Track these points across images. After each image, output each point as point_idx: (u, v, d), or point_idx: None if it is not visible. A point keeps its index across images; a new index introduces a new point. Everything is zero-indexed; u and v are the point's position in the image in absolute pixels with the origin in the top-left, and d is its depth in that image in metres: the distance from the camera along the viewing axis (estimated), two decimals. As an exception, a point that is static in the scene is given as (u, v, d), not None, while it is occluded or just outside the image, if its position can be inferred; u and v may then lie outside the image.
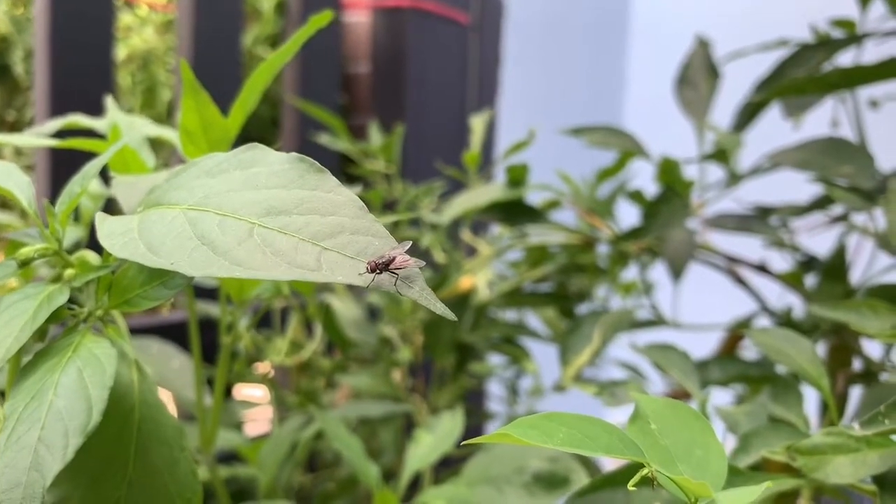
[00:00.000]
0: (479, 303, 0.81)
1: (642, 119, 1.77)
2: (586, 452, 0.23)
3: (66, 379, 0.27)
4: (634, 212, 0.77)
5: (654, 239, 0.73)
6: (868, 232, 0.68)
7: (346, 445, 0.60)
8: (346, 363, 0.85)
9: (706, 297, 1.14)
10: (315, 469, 0.86)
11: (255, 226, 0.26)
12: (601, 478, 0.36)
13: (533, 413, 0.25)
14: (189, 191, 0.27)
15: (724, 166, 0.74)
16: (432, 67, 1.29)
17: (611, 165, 0.81)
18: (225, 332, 0.51)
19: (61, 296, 0.29)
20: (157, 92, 1.16)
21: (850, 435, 0.36)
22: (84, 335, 0.29)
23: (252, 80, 0.43)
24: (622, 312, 0.69)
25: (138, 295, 0.30)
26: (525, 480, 0.53)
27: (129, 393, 0.30)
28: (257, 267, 0.24)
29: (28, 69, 1.15)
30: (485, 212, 0.76)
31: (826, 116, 0.78)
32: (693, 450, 0.25)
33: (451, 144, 1.32)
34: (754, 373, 0.63)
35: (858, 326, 0.45)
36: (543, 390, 0.99)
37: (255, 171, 0.27)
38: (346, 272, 0.25)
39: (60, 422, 0.26)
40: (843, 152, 0.57)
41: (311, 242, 0.25)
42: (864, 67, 0.54)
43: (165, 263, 0.24)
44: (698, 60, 0.77)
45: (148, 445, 0.30)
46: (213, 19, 0.97)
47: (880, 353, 0.64)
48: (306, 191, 0.26)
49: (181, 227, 0.26)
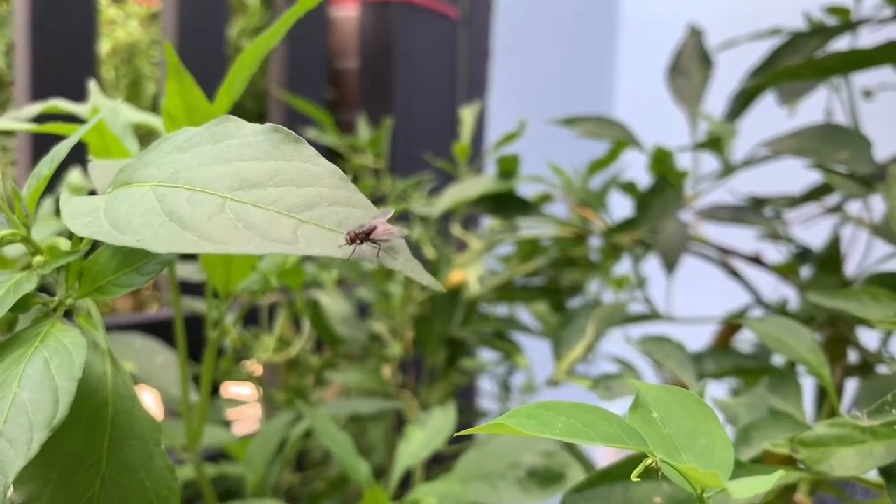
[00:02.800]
0: (469, 298, 0.80)
1: (633, 111, 1.76)
2: (586, 442, 0.22)
3: (32, 370, 0.25)
4: (627, 204, 0.76)
5: (647, 231, 0.71)
6: (863, 222, 0.67)
7: (335, 443, 0.58)
8: (335, 360, 0.84)
9: (700, 290, 1.13)
10: (304, 467, 0.85)
11: (228, 199, 0.24)
12: (598, 473, 0.35)
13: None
14: (159, 167, 0.26)
15: (717, 156, 0.73)
16: (421, 61, 1.27)
17: (603, 156, 0.80)
18: (211, 327, 0.50)
19: (28, 283, 0.28)
20: (142, 85, 1.14)
21: (854, 426, 0.35)
22: (53, 325, 0.27)
23: (238, 65, 0.41)
24: (615, 306, 0.68)
25: (110, 282, 0.28)
26: (519, 476, 0.52)
27: (102, 385, 0.28)
28: (228, 241, 0.23)
29: (10, 63, 1.13)
30: (476, 204, 0.75)
31: (820, 106, 0.77)
32: (697, 438, 0.24)
33: (440, 139, 1.31)
34: (750, 365, 0.62)
35: (860, 314, 0.44)
36: (536, 386, 0.98)
37: (227, 144, 0.25)
38: (324, 245, 0.23)
39: (24, 415, 0.24)
40: (839, 138, 0.56)
41: (286, 215, 0.24)
42: (862, 51, 0.53)
43: (131, 241, 0.23)
44: (690, 49, 0.76)
45: (122, 440, 0.28)
46: (198, 12, 0.95)
47: (876, 344, 0.63)
48: (281, 162, 0.25)
49: (149, 204, 0.24)
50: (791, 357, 0.42)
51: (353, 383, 0.77)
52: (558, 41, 1.79)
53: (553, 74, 1.78)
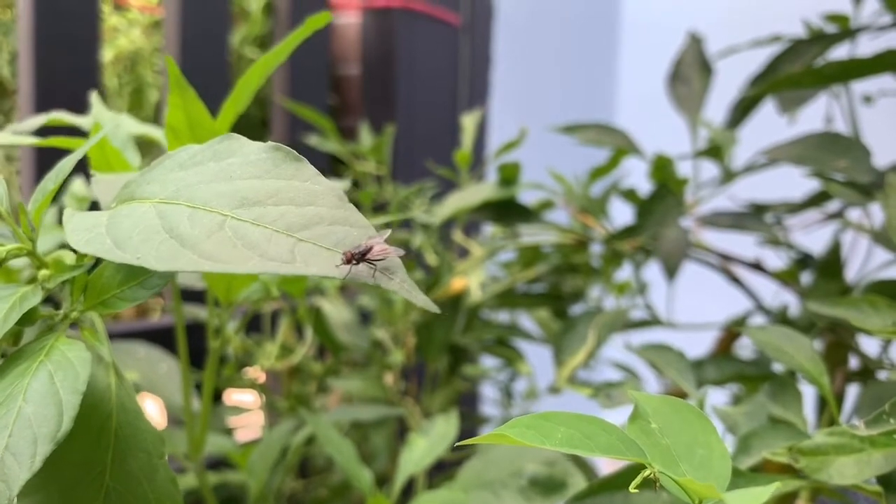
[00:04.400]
0: (471, 304, 0.80)
1: (635, 117, 1.77)
2: (585, 453, 0.22)
3: (37, 384, 0.26)
4: (628, 210, 0.76)
5: (648, 238, 0.72)
6: (863, 228, 0.67)
7: (338, 450, 0.59)
8: (337, 367, 0.84)
9: (701, 296, 1.13)
10: (307, 475, 0.85)
11: (228, 218, 0.25)
12: (599, 481, 0.35)
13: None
14: (162, 184, 0.26)
15: (718, 163, 0.73)
16: (423, 68, 1.28)
17: (604, 164, 0.80)
18: (213, 336, 0.50)
19: (34, 297, 0.28)
20: (145, 93, 1.15)
21: (853, 434, 0.35)
22: (57, 338, 0.28)
23: (244, 81, 0.41)
24: (617, 312, 0.68)
25: (115, 295, 0.29)
26: (521, 484, 0.52)
27: (106, 398, 0.29)
28: (227, 260, 0.23)
29: (14, 72, 1.14)
30: (477, 211, 0.75)
31: (820, 113, 0.77)
32: (695, 449, 0.24)
33: (441, 145, 1.31)
34: (751, 372, 0.62)
35: (859, 323, 0.44)
36: (538, 392, 0.98)
37: (229, 162, 0.26)
38: (322, 264, 0.23)
39: (29, 429, 0.24)
40: (838, 146, 0.57)
41: (285, 234, 0.24)
42: (860, 60, 0.54)
43: (131, 258, 0.23)
44: (691, 56, 0.77)
45: (126, 453, 0.28)
46: (200, 20, 0.95)
47: (877, 350, 0.63)
48: (282, 181, 0.25)
49: (150, 221, 0.25)
50: (790, 366, 0.42)
51: (355, 390, 0.77)
52: (560, 47, 1.79)
53: (554, 81, 1.78)
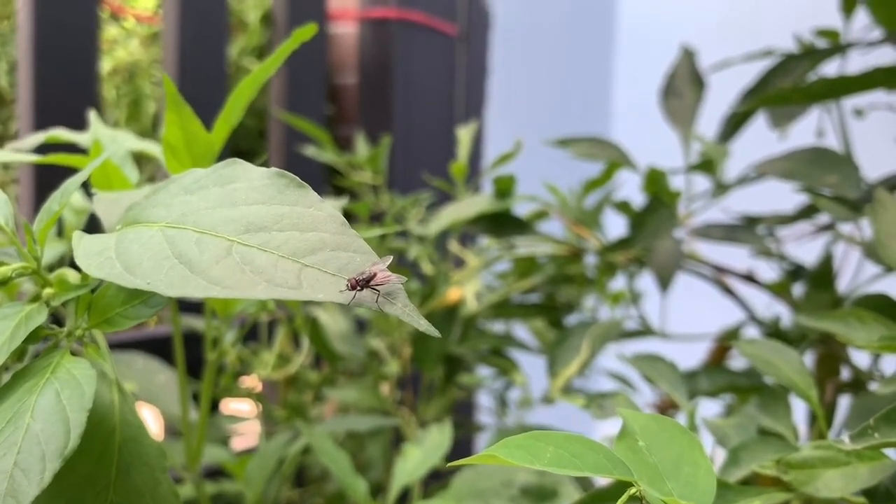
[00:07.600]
0: (467, 314, 0.81)
1: (630, 128, 1.78)
2: (573, 473, 0.23)
3: (44, 401, 0.26)
4: (622, 222, 0.77)
5: (641, 249, 0.72)
6: (854, 241, 0.68)
7: (333, 460, 0.59)
8: (333, 376, 0.85)
9: (694, 307, 1.14)
10: (303, 484, 0.85)
11: (234, 243, 0.25)
12: (591, 494, 0.36)
13: (522, 425, 0.25)
14: (167, 208, 0.27)
15: (710, 177, 0.74)
16: (419, 78, 1.29)
17: (598, 176, 0.81)
18: (210, 348, 0.51)
19: (39, 315, 0.29)
20: (143, 104, 1.16)
21: (839, 448, 0.36)
22: (63, 356, 0.28)
23: (236, 94, 0.42)
24: (610, 323, 0.69)
25: (118, 314, 0.29)
26: (513, 494, 0.53)
27: (110, 414, 0.29)
28: (235, 286, 0.24)
29: (12, 82, 1.14)
30: (472, 224, 0.76)
31: (812, 126, 0.78)
32: (681, 467, 0.25)
33: (438, 155, 1.32)
34: (742, 383, 0.63)
35: (845, 338, 0.45)
36: (532, 402, 0.99)
37: (234, 187, 0.26)
38: (327, 290, 0.24)
39: (38, 446, 0.25)
40: (828, 162, 0.58)
41: (291, 259, 0.25)
42: (848, 78, 0.54)
43: (142, 284, 0.24)
44: (683, 70, 0.78)
45: (129, 467, 0.29)
46: (198, 31, 0.96)
47: (868, 362, 0.64)
48: (286, 206, 0.26)
49: (159, 246, 0.25)
50: (779, 379, 0.43)
51: (351, 400, 0.78)
52: (556, 58, 1.80)
53: (551, 91, 1.79)
